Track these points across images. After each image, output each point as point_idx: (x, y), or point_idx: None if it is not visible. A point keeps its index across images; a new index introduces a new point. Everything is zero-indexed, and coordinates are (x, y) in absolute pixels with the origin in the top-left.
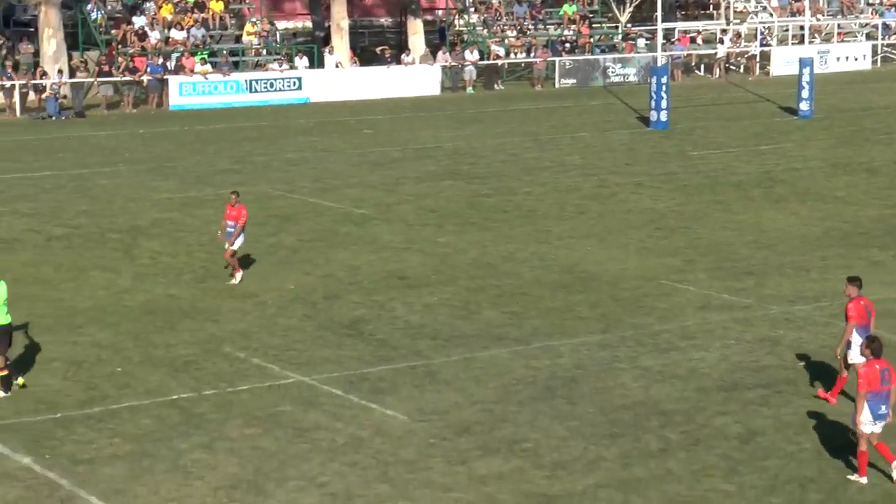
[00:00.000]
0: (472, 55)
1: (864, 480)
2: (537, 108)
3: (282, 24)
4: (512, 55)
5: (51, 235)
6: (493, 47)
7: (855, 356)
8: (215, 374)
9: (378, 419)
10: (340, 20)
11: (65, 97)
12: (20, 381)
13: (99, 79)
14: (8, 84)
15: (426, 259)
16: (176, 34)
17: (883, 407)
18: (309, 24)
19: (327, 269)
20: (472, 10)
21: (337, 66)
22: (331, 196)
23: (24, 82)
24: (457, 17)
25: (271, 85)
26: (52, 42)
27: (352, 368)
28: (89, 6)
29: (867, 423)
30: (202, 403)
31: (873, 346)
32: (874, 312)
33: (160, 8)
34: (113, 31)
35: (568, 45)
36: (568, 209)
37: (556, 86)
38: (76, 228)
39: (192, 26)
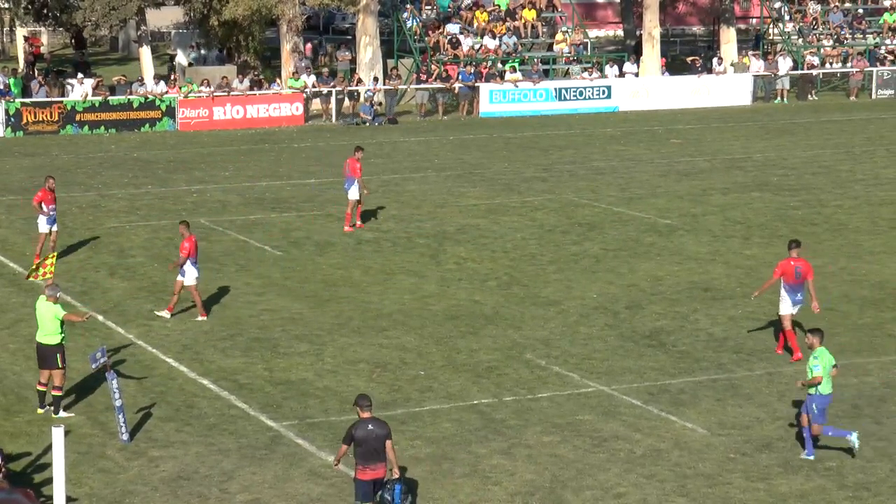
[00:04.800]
0: (784, 62)
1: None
2: (852, 119)
3: (593, 33)
4: (827, 65)
5: (361, 239)
6: (808, 57)
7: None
8: (516, 381)
9: (677, 431)
10: (652, 29)
11: (379, 104)
12: (41, 411)
13: (413, 86)
14: (325, 90)
15: (731, 271)
16: (488, 42)
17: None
18: (620, 32)
19: (631, 279)
20: (787, 18)
21: (636, 76)
22: (636, 205)
23: (340, 89)
24: (771, 25)
25: (580, 93)
26: (368, 49)
27: (652, 379)
28: (405, 14)
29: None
30: (502, 409)
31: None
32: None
33: (474, 9)
34: (426, 39)
35: (888, 54)
36: (881, 223)
37: (873, 96)
38: (385, 233)
39: (504, 34)
